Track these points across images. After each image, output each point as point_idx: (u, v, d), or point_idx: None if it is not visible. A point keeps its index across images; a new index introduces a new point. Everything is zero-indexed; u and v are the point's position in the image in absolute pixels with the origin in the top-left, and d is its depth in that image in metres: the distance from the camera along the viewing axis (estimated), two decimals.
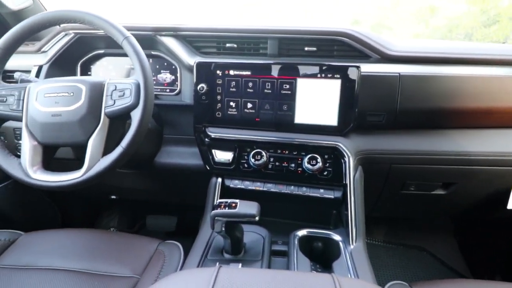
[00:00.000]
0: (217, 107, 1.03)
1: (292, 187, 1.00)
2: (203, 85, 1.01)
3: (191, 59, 1.06)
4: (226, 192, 1.03)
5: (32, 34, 0.87)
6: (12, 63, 0.92)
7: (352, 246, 0.86)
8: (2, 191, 1.14)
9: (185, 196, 1.37)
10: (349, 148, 0.97)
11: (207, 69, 1.01)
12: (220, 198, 1.02)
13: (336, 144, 0.97)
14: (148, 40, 1.08)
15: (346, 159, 0.96)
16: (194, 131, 1.06)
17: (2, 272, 0.82)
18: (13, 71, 1.00)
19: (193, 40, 1.09)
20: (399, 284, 0.83)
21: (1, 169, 0.83)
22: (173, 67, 1.14)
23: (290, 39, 1.03)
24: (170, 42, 1.08)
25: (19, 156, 0.84)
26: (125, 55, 1.15)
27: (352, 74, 0.94)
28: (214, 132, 1.04)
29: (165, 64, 1.15)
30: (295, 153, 1.00)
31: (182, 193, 1.35)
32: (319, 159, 0.97)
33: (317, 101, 0.98)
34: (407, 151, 1.04)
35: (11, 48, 0.87)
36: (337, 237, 0.89)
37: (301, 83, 0.98)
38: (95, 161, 0.80)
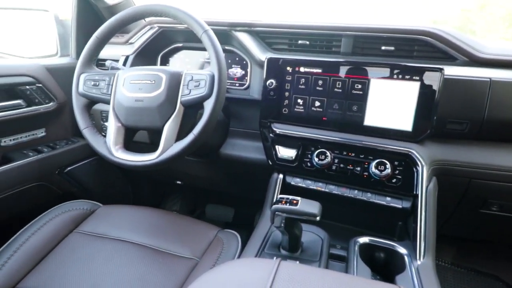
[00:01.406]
0: (284, 104, 1.03)
1: (356, 191, 0.96)
2: (272, 80, 1.02)
3: (263, 55, 1.07)
4: (287, 189, 1.03)
5: (123, 26, 0.96)
6: (104, 52, 1.02)
7: (419, 262, 0.79)
8: (87, 166, 1.28)
9: (244, 188, 1.40)
10: (423, 157, 0.89)
11: (277, 65, 1.01)
12: (280, 194, 1.02)
13: (408, 151, 0.90)
14: (223, 34, 1.12)
15: (419, 168, 0.89)
16: (259, 126, 1.08)
17: (82, 237, 0.92)
18: (105, 60, 1.11)
19: (266, 36, 1.10)
20: None
21: (90, 146, 0.92)
22: (244, 62, 1.17)
23: (366, 37, 0.99)
24: (244, 38, 1.11)
25: (104, 136, 0.94)
26: (200, 49, 1.22)
27: (434, 77, 0.87)
28: (279, 128, 1.04)
29: (237, 59, 1.18)
30: (362, 156, 0.95)
31: (242, 185, 1.38)
32: (388, 165, 0.91)
33: (391, 103, 0.92)
34: (492, 166, 0.93)
35: (106, 38, 0.96)
36: (402, 250, 0.83)
37: (374, 83, 0.93)
38: (169, 145, 0.85)
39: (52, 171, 1.16)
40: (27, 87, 1.06)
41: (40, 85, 1.09)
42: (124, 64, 1.21)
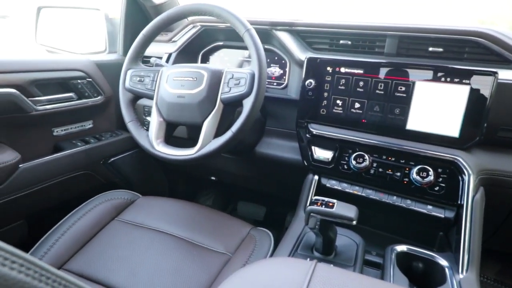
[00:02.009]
0: (323, 104, 1.01)
1: (395, 197, 0.93)
2: (311, 80, 1.01)
3: (303, 54, 1.06)
4: (322, 190, 1.01)
5: (169, 25, 0.99)
6: (148, 49, 1.06)
7: (461, 276, 0.75)
8: (128, 158, 1.34)
9: (277, 188, 1.40)
10: (470, 165, 0.85)
11: (317, 65, 1.00)
12: (315, 195, 1.01)
13: (454, 158, 0.86)
14: (264, 34, 1.12)
15: (466, 177, 0.84)
16: (296, 126, 1.07)
17: (122, 225, 0.96)
18: (150, 57, 1.16)
19: (307, 36, 1.09)
20: None
21: (133, 139, 0.97)
22: (283, 61, 1.17)
23: (412, 37, 0.95)
24: (284, 37, 1.11)
25: (146, 130, 0.98)
26: (240, 47, 1.24)
27: (486, 80, 0.82)
28: (316, 129, 1.03)
29: (276, 58, 1.18)
30: (403, 161, 0.92)
31: (275, 184, 1.38)
32: (430, 172, 0.87)
33: (437, 107, 0.88)
34: None
35: (152, 36, 1.00)
36: (443, 262, 0.79)
37: (420, 86, 0.89)
38: (207, 141, 0.87)
39: (97, 161, 1.23)
40: (79, 81, 1.13)
41: (90, 79, 1.16)
42: (167, 61, 1.25)
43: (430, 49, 0.94)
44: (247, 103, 0.84)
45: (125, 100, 0.99)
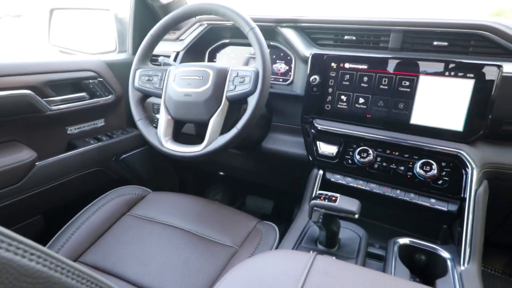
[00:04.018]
0: (327, 100, 1.03)
1: (398, 191, 0.94)
2: (316, 76, 1.02)
3: (307, 51, 1.07)
4: (327, 185, 1.03)
5: (176, 24, 1.02)
6: (156, 48, 1.08)
7: (463, 267, 0.76)
8: (139, 154, 1.39)
9: (284, 182, 1.42)
10: (473, 159, 0.85)
11: (321, 61, 1.01)
12: (320, 190, 1.02)
13: (458, 152, 0.86)
14: (269, 30, 1.14)
15: (469, 171, 0.85)
16: (301, 121, 1.09)
17: (134, 220, 1.00)
18: (158, 56, 1.19)
19: (311, 32, 1.10)
20: None
21: (143, 136, 1.00)
22: (289, 57, 1.18)
23: (417, 32, 0.95)
24: (289, 33, 1.12)
25: (155, 127, 1.01)
26: (246, 44, 1.26)
27: (491, 74, 0.82)
28: (321, 124, 1.04)
29: (281, 54, 1.19)
30: (407, 155, 0.93)
31: (282, 178, 1.40)
32: (434, 166, 0.88)
33: (440, 102, 0.88)
34: None
35: (160, 36, 1.03)
36: (445, 254, 0.80)
37: (424, 80, 0.90)
38: (213, 138, 0.90)
39: (109, 158, 1.28)
40: (90, 81, 1.17)
41: (101, 79, 1.20)
42: (175, 59, 1.28)
43: (435, 43, 0.94)
44: (252, 101, 0.86)
45: (134, 99, 1.02)
